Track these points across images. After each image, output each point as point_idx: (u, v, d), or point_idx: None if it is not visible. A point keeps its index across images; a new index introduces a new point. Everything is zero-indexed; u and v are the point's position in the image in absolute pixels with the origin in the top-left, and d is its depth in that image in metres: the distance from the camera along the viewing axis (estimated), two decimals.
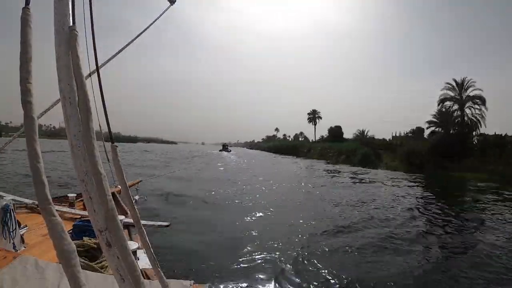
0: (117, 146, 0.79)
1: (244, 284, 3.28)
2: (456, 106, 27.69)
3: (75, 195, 2.91)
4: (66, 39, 0.56)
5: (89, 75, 1.65)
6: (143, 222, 2.00)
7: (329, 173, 19.33)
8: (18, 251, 1.64)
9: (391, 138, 39.73)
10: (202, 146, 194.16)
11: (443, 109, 28.24)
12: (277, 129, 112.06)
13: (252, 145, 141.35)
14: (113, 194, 2.88)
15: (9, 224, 1.63)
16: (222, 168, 20.16)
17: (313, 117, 74.59)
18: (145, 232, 0.81)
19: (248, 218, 6.35)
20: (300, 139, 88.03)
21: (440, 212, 8.20)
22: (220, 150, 53.94)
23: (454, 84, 27.98)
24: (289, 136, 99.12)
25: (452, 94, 28.07)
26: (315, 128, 72.89)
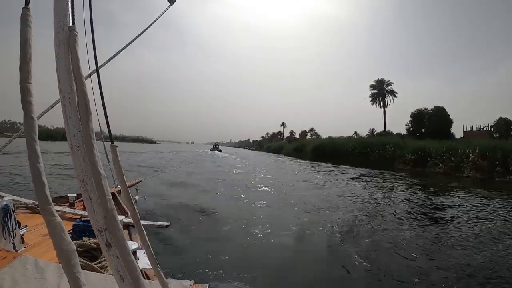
0: (117, 146, 0.79)
1: (245, 284, 3.27)
2: None
3: (75, 195, 2.91)
4: (66, 39, 0.57)
5: (89, 75, 1.65)
6: (143, 222, 2.00)
7: None
8: (18, 251, 1.64)
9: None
10: (192, 146, 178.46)
11: None
12: (283, 124, 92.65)
13: (249, 145, 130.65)
14: (113, 194, 2.88)
15: (9, 224, 1.63)
16: None
17: (380, 92, 37.99)
18: (145, 232, 0.81)
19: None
20: (307, 137, 70.58)
21: None
22: (211, 150, 59.80)
23: None
24: (294, 133, 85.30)
25: None
26: (384, 112, 37.88)
